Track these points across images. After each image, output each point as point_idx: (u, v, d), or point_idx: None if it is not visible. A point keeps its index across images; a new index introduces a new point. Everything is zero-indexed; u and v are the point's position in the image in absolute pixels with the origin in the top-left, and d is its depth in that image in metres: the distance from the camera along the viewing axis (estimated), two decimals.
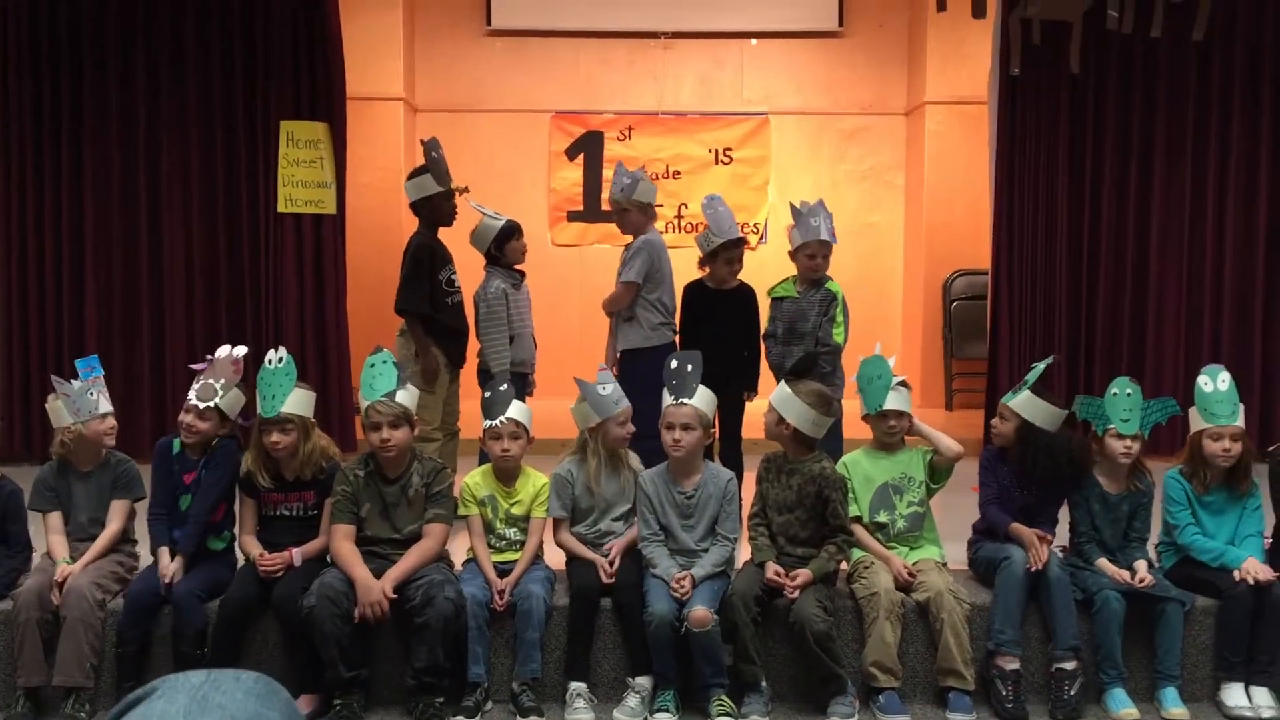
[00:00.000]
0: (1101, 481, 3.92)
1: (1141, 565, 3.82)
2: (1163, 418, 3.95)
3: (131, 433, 6.25)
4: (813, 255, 5.08)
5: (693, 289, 5.31)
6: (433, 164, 5.18)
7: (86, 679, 3.59)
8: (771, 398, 3.91)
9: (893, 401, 3.95)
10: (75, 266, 6.98)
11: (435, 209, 5.24)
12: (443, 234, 5.34)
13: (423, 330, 5.14)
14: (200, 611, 3.67)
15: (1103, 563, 3.84)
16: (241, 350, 3.96)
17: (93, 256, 6.97)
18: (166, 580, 3.68)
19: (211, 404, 3.83)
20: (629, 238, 5.41)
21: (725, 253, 5.17)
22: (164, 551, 3.78)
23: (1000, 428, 3.99)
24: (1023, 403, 3.92)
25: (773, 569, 3.70)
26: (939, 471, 3.96)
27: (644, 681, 3.67)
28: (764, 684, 3.65)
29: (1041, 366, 4.00)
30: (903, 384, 4.01)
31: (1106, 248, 7.28)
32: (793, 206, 5.22)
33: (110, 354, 6.95)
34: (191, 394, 3.85)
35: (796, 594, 3.64)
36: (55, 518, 3.90)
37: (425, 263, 5.17)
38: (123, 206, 7.00)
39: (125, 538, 3.97)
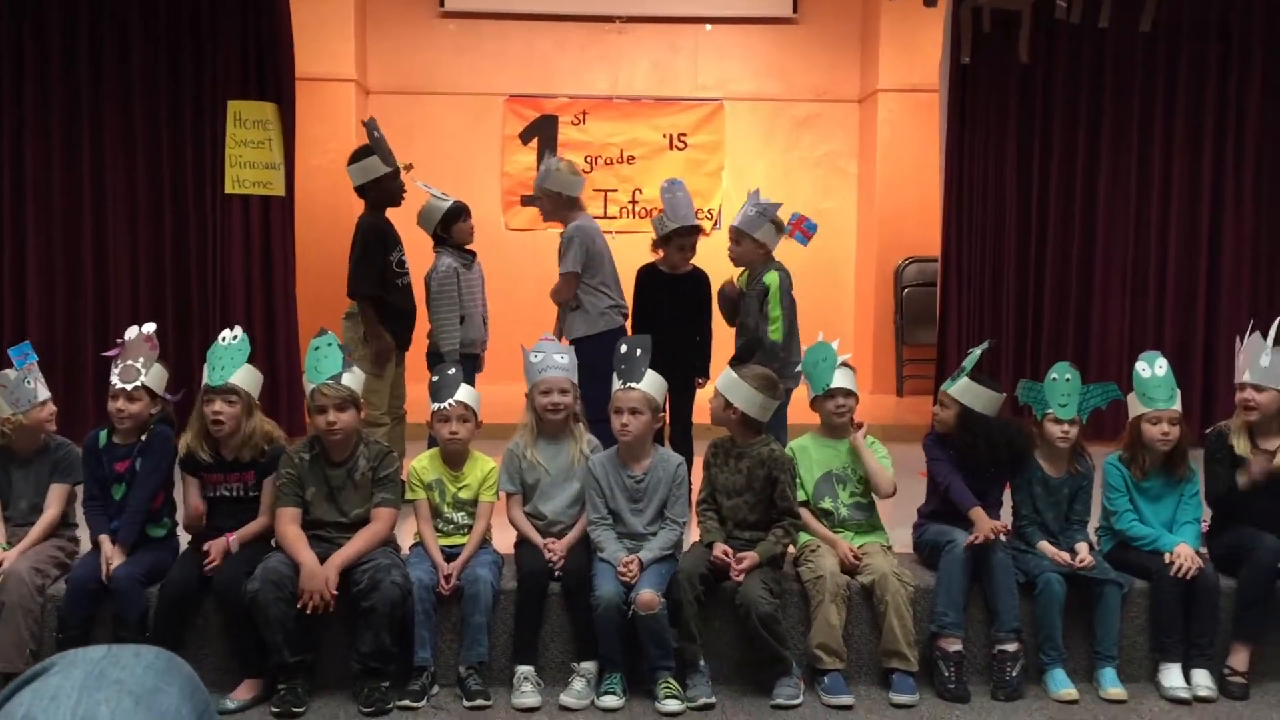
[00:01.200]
0: (1043, 465, 3.98)
1: (1082, 548, 3.88)
2: (1103, 402, 4.00)
3: (75, 417, 6.15)
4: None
5: (645, 273, 5.30)
6: (376, 144, 5.13)
7: (26, 664, 3.53)
8: (717, 383, 3.93)
9: (839, 379, 3.99)
10: (16, 247, 6.85)
11: (384, 190, 5.19)
12: (392, 216, 5.30)
13: (374, 313, 5.09)
14: (141, 596, 3.62)
15: (1044, 545, 3.89)
16: (150, 326, 3.89)
17: (34, 237, 6.85)
18: (108, 567, 3.63)
19: (138, 384, 3.76)
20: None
21: (679, 238, 5.17)
22: (105, 540, 3.73)
23: (941, 414, 4.03)
24: (962, 389, 3.96)
25: (720, 548, 3.72)
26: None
27: (589, 665, 3.68)
28: (702, 663, 3.66)
29: (978, 352, 4.03)
30: (846, 365, 4.05)
31: (1054, 235, 7.38)
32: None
33: (53, 338, 6.84)
34: (115, 379, 3.77)
35: (742, 577, 3.66)
36: None
37: (375, 244, 5.13)
38: (65, 186, 6.87)
39: (65, 522, 3.90)
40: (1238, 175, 7.35)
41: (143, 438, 3.82)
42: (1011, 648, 3.72)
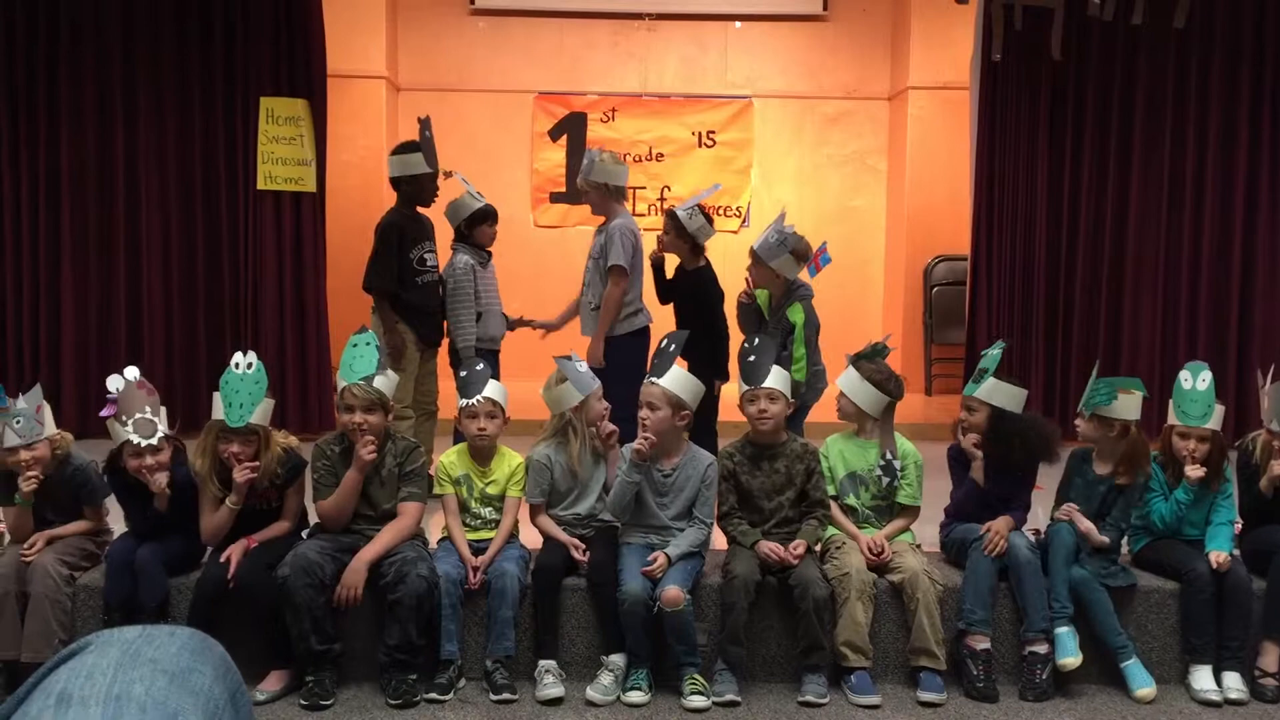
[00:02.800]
0: (1095, 461, 3.95)
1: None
2: (1107, 399, 3.91)
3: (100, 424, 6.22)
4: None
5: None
6: (425, 144, 5.21)
7: (54, 654, 3.55)
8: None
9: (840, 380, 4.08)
10: (51, 245, 6.93)
11: (420, 188, 5.26)
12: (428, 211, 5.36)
13: (389, 308, 5.13)
14: (163, 579, 3.62)
15: (1070, 508, 3.86)
16: (133, 371, 3.71)
17: (69, 234, 6.93)
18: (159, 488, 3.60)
19: (160, 434, 3.64)
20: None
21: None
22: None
23: (971, 419, 3.97)
24: (989, 390, 3.93)
25: (767, 545, 3.73)
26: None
27: (617, 660, 3.68)
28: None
29: (997, 352, 3.99)
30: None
31: (1085, 234, 7.32)
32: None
33: (87, 335, 6.93)
34: (133, 438, 3.59)
35: (798, 562, 3.70)
36: (11, 512, 3.82)
37: (393, 241, 5.18)
38: (99, 182, 6.95)
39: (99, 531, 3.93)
40: (1273, 172, 7.26)
41: (166, 487, 3.70)
42: (1042, 649, 3.69)
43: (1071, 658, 3.66)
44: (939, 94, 8.90)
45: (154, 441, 3.60)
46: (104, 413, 3.67)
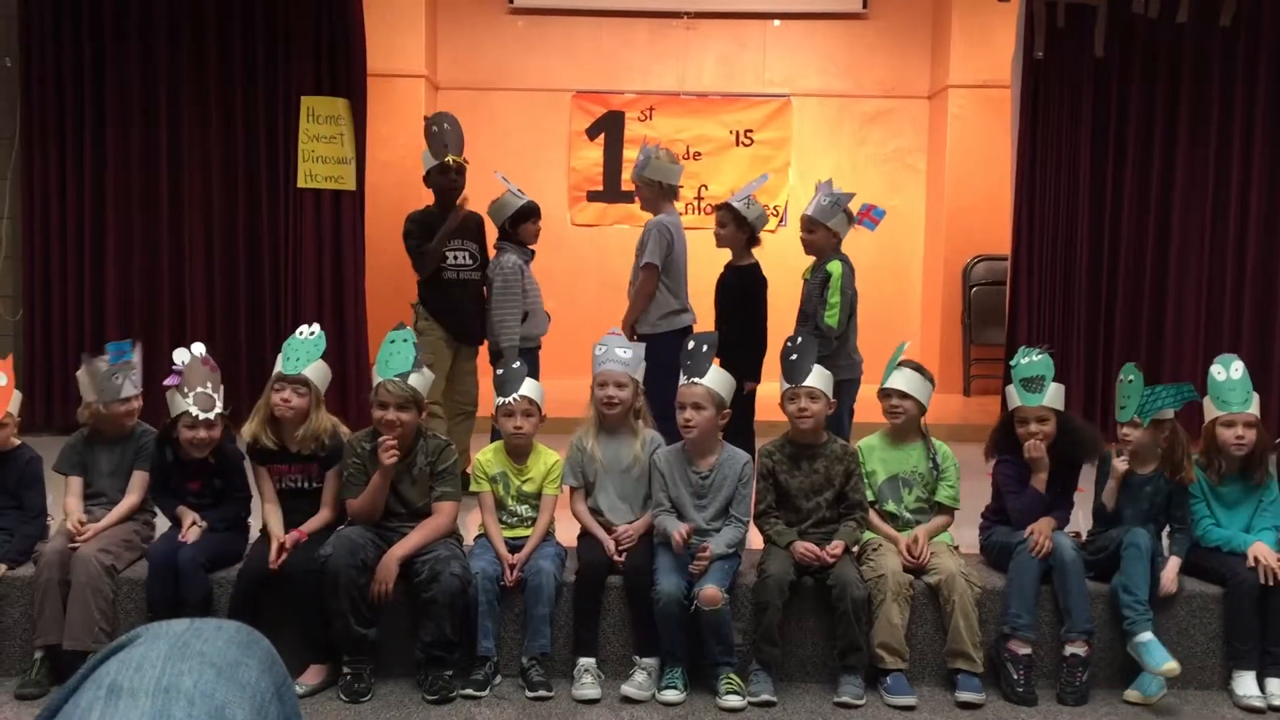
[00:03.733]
0: (1134, 463, 3.91)
1: (1168, 574, 3.79)
2: (1176, 404, 3.88)
3: (151, 405, 6.30)
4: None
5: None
6: (430, 137, 5.25)
7: (95, 644, 3.61)
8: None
9: (894, 381, 3.98)
10: (96, 240, 7.03)
11: (431, 182, 5.31)
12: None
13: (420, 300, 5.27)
14: (204, 580, 3.68)
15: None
16: (199, 347, 3.86)
17: (114, 230, 7.02)
18: (185, 538, 3.70)
19: (217, 411, 3.79)
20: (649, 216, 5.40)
21: None
22: (185, 510, 3.81)
23: (1044, 429, 3.87)
24: (1055, 395, 3.89)
25: (802, 546, 3.72)
26: None
27: (651, 661, 3.69)
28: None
29: (1049, 358, 3.94)
30: (917, 369, 4.01)
31: (1128, 234, 7.22)
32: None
33: (130, 328, 7.00)
34: (192, 409, 3.74)
35: (836, 563, 3.69)
36: (76, 481, 3.96)
37: (414, 235, 5.27)
38: (143, 180, 7.04)
39: (143, 507, 4.00)
40: None
41: (212, 460, 3.86)
42: (1082, 651, 3.66)
43: (1170, 663, 3.55)
44: (979, 92, 8.83)
45: (210, 416, 3.74)
46: (168, 382, 3.81)
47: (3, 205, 7.10)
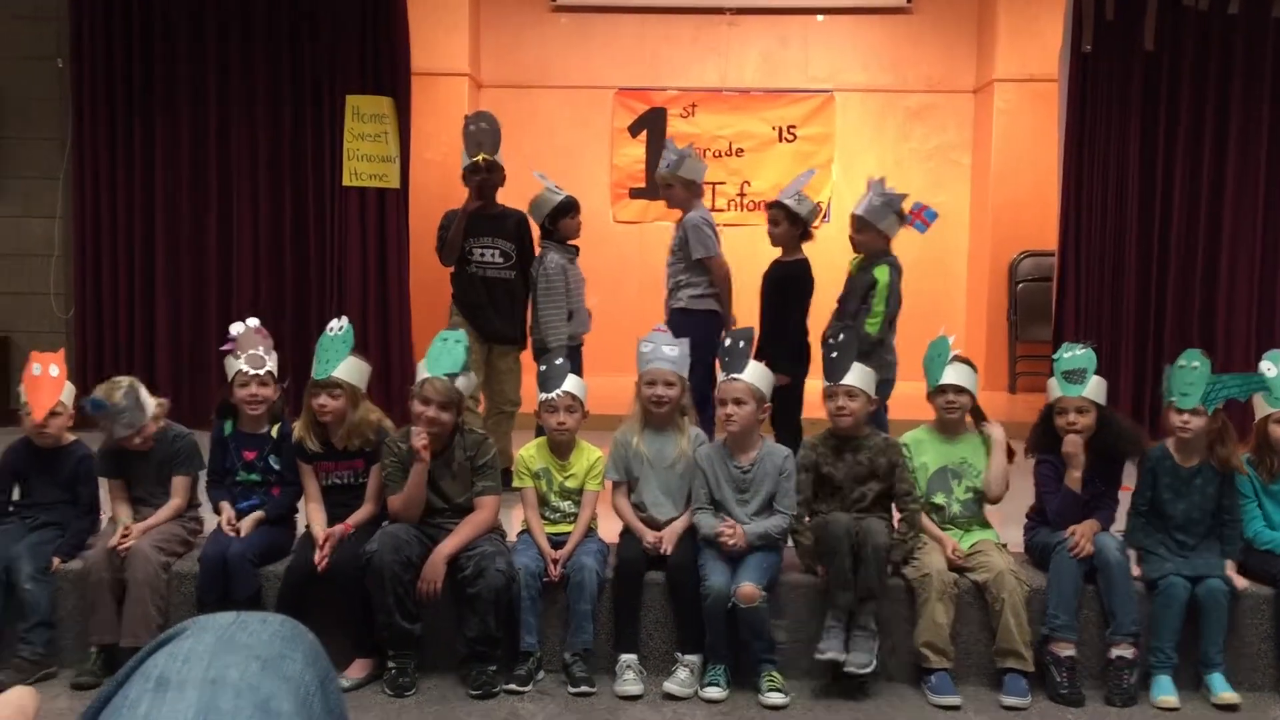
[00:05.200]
0: (1173, 454, 3.84)
1: (1231, 568, 3.75)
2: (1243, 394, 3.82)
3: (199, 403, 6.40)
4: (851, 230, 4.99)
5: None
6: (465, 136, 5.28)
7: (151, 639, 3.65)
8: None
9: (949, 376, 3.93)
10: (145, 239, 7.13)
11: (466, 180, 5.34)
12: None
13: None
14: (253, 576, 3.74)
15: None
16: (254, 320, 4.04)
17: (162, 229, 7.12)
18: (231, 531, 3.77)
19: (268, 368, 3.94)
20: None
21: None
22: (224, 505, 3.89)
23: (1083, 421, 3.82)
24: (1096, 388, 3.84)
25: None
26: None
27: (694, 658, 3.69)
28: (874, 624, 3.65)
29: (1092, 353, 3.88)
30: (964, 361, 3.98)
31: (1177, 230, 7.09)
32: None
33: (179, 325, 7.12)
34: (244, 367, 3.93)
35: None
36: (118, 484, 4.00)
37: (445, 227, 5.33)
38: (192, 179, 7.13)
39: (188, 507, 4.06)
40: None
41: (272, 431, 3.97)
42: (1129, 653, 3.61)
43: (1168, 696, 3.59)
44: (1026, 86, 8.73)
45: (260, 373, 3.89)
46: (224, 347, 4.02)
47: (54, 205, 7.23)
